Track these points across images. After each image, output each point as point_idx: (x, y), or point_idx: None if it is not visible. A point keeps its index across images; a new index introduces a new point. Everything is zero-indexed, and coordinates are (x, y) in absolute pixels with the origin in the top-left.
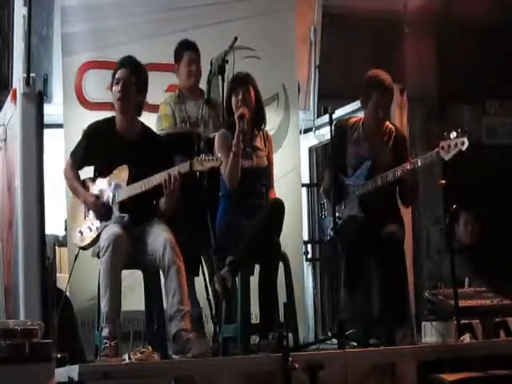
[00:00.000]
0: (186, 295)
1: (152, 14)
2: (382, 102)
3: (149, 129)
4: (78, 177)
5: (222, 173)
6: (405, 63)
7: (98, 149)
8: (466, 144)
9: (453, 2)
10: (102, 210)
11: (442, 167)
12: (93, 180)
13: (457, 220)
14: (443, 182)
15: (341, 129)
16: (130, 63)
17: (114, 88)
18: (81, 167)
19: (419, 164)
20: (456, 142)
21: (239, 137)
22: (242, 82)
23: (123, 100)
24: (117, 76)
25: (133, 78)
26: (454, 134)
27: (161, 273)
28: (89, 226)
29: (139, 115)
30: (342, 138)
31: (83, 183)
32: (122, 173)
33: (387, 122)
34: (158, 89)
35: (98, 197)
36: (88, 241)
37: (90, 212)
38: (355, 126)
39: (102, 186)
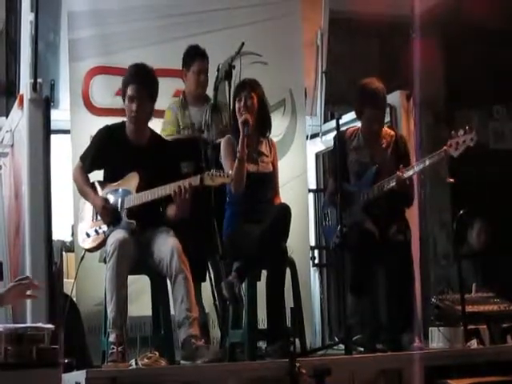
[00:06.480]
0: (194, 302)
1: (159, 19)
2: (376, 112)
3: (158, 135)
4: (88, 180)
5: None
6: (411, 68)
7: (107, 153)
8: (475, 139)
9: (460, 6)
10: (111, 215)
11: (450, 165)
12: (102, 184)
13: (467, 225)
14: (451, 180)
15: (340, 139)
16: (140, 76)
17: (127, 103)
18: (90, 171)
19: (427, 163)
20: (464, 139)
21: (243, 142)
22: (245, 87)
23: (138, 116)
24: (129, 93)
25: (145, 91)
26: (461, 132)
27: (167, 279)
28: (96, 229)
29: (149, 121)
30: (342, 148)
31: (92, 186)
32: (132, 179)
33: (385, 128)
34: (165, 94)
35: (107, 201)
36: (94, 243)
37: (99, 215)
38: (354, 134)
39: (110, 191)
